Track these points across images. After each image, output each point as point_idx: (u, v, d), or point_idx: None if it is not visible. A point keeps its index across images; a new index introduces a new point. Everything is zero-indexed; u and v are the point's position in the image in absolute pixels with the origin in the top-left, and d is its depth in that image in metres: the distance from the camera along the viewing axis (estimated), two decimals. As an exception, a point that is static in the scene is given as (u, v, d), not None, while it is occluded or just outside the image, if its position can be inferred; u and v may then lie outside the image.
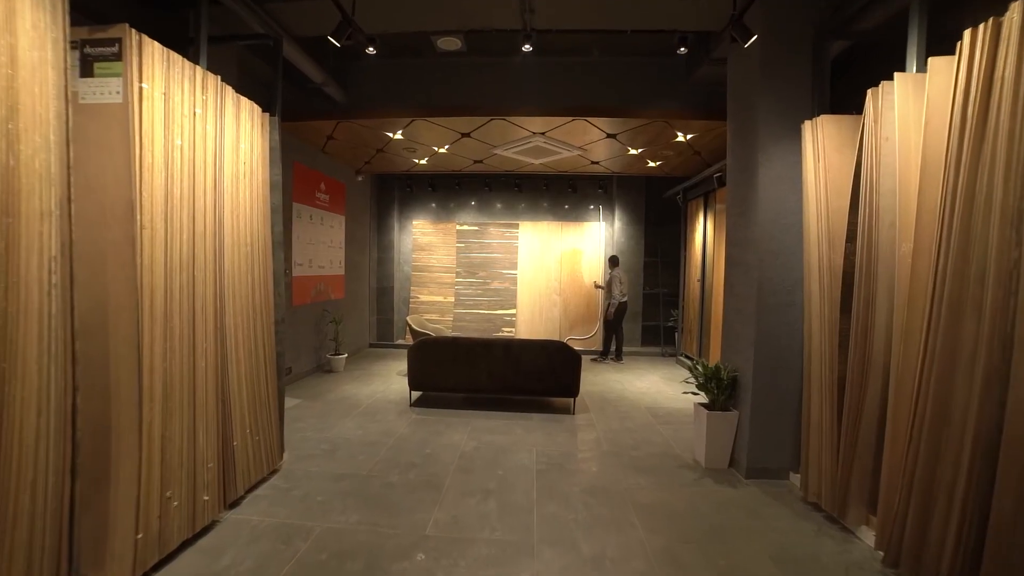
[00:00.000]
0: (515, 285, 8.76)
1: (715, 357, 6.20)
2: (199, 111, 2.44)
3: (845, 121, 2.90)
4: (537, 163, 7.13)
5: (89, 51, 1.91)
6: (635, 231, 8.63)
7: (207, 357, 2.54)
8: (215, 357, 2.61)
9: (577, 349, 4.90)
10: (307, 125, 5.40)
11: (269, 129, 3.24)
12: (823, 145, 2.92)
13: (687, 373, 3.81)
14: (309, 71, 4.57)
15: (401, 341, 8.63)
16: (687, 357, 7.24)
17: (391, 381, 6.07)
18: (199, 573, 2.20)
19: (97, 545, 1.93)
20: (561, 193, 8.66)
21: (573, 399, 4.89)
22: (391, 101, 5.16)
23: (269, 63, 3.51)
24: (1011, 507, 1.63)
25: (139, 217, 2.07)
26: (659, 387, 5.94)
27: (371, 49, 4.00)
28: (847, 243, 2.75)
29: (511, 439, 4.05)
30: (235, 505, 2.81)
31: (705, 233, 6.94)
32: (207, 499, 2.51)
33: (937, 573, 1.86)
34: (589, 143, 5.98)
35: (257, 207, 3.06)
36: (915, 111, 2.23)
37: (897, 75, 2.30)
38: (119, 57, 1.92)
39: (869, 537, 2.49)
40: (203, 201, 2.52)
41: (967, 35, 1.84)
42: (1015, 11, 1.69)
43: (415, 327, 6.34)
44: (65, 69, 1.59)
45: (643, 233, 8.63)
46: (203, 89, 2.48)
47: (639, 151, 6.27)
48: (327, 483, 3.15)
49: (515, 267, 8.78)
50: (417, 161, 7.18)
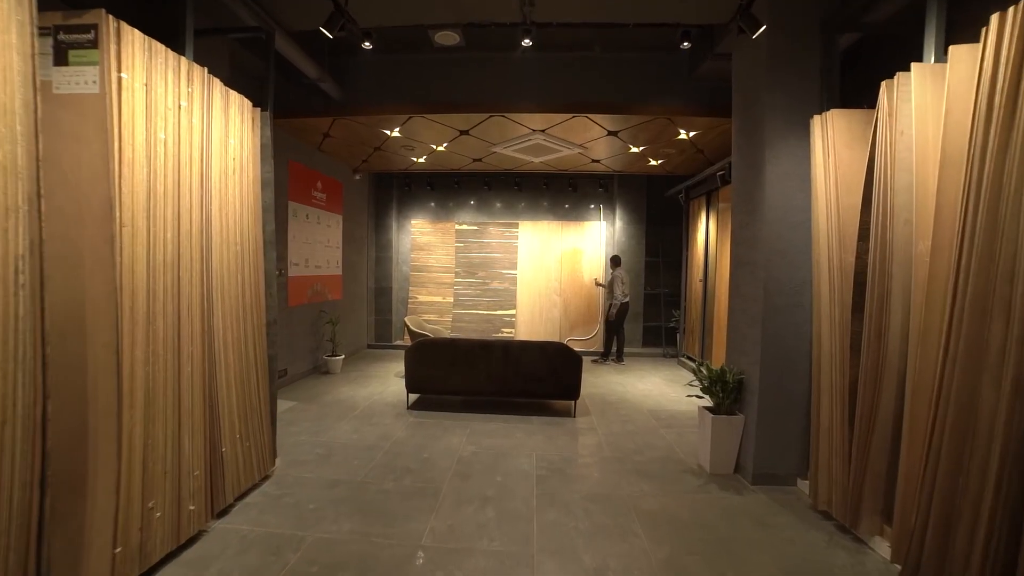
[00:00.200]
0: (515, 285, 8.65)
1: (717, 358, 6.11)
2: (184, 104, 2.34)
3: (856, 115, 2.80)
4: (537, 161, 7.03)
5: (63, 38, 1.80)
6: (636, 231, 8.53)
7: (193, 361, 2.44)
8: (202, 361, 2.51)
9: (577, 350, 4.80)
10: (303, 122, 5.30)
11: (260, 125, 3.14)
12: (833, 140, 2.81)
13: (689, 374, 3.72)
14: (304, 67, 4.47)
15: (400, 342, 8.52)
16: (689, 358, 7.13)
17: (389, 383, 5.97)
18: (183, 587, 2.11)
19: (71, 562, 1.83)
20: (561, 192, 8.56)
21: (574, 402, 4.79)
22: (388, 97, 5.06)
23: (263, 58, 3.41)
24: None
25: (119, 214, 1.97)
26: (661, 389, 5.83)
27: (367, 44, 3.91)
28: (859, 241, 2.64)
29: (510, 443, 3.94)
30: (224, 514, 2.71)
31: (707, 232, 6.84)
32: (193, 508, 2.41)
33: (961, 590, 1.76)
34: (590, 141, 5.88)
35: (247, 205, 2.96)
36: (934, 103, 2.12)
37: (914, 65, 2.19)
38: (95, 44, 1.81)
39: (883, 548, 2.39)
40: (189, 198, 2.42)
41: (994, 19, 1.74)
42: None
43: (413, 328, 6.23)
44: (33, 55, 1.49)
45: (644, 233, 8.53)
46: (189, 81, 2.38)
47: (640, 149, 6.17)
48: (320, 490, 3.05)
49: (515, 267, 8.67)
50: (415, 159, 7.08)
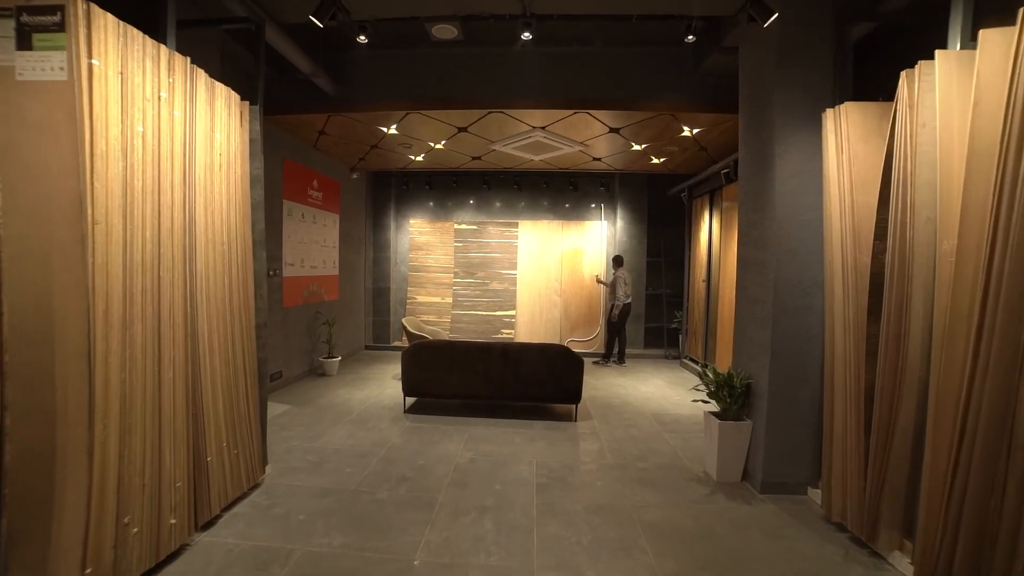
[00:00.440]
0: (514, 286, 8.51)
1: (721, 360, 5.97)
2: (164, 95, 2.22)
3: (871, 108, 2.68)
4: (537, 159, 6.90)
5: (26, 20, 1.67)
6: (638, 230, 8.40)
7: (175, 367, 2.31)
8: (185, 367, 2.38)
9: (578, 351, 4.68)
10: (298, 119, 5.18)
11: (250, 119, 3.01)
12: (847, 135, 2.69)
13: (692, 376, 3.59)
14: (298, 61, 4.33)
15: (398, 343, 8.40)
16: (692, 360, 7.01)
17: (386, 385, 5.84)
18: (161, 608, 1.98)
19: (36, 585, 1.70)
20: (562, 191, 8.43)
21: (575, 405, 4.67)
22: (384, 93, 4.93)
23: (252, 51, 3.28)
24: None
25: (91, 211, 1.84)
26: (664, 392, 5.69)
27: (362, 38, 3.77)
28: (876, 241, 2.51)
29: (510, 449, 3.82)
30: (209, 526, 2.58)
31: (711, 232, 6.71)
32: (175, 522, 2.28)
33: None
34: (591, 138, 5.75)
35: (235, 202, 2.84)
36: (960, 93, 1.99)
37: (939, 52, 2.06)
38: (62, 28, 1.68)
39: (903, 564, 2.27)
40: (171, 195, 2.29)
41: (1032, 0, 1.62)
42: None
43: (411, 329, 6.10)
44: (-13, 37, 1.36)
45: (646, 232, 8.40)
46: (170, 71, 2.26)
47: (643, 147, 6.04)
48: (311, 500, 2.92)
49: (514, 267, 8.54)
50: (413, 158, 6.95)
